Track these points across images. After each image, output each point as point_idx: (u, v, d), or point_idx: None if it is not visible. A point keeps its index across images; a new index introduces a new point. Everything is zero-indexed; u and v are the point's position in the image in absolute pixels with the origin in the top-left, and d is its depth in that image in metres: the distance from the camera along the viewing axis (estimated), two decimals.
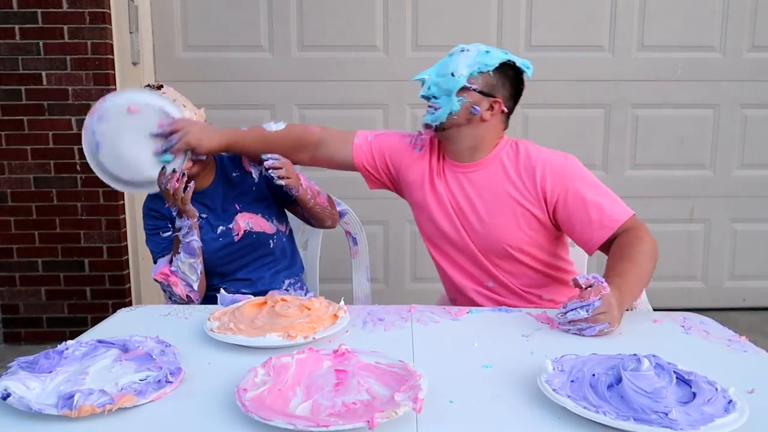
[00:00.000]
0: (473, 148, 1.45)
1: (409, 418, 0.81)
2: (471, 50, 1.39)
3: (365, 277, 1.83)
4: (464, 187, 1.46)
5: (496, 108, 1.40)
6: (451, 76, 1.38)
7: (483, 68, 1.38)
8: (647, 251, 1.28)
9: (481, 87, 1.38)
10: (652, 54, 2.92)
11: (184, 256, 1.50)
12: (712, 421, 0.76)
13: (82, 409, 0.81)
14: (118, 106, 1.44)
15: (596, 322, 1.12)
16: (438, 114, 1.42)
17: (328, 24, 2.87)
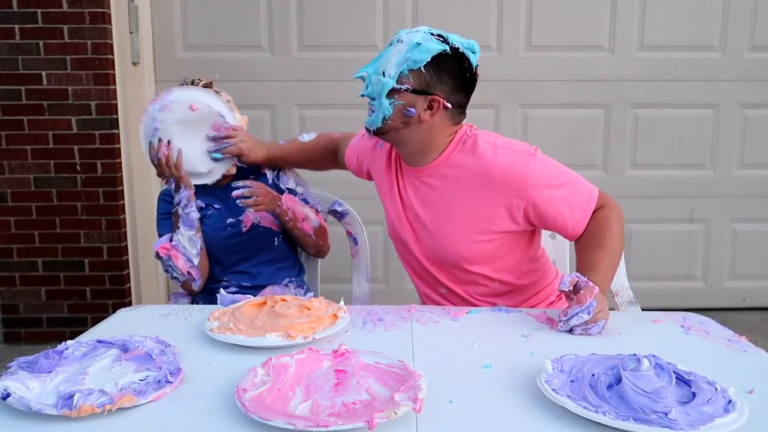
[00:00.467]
0: (420, 151, 1.34)
1: (408, 418, 0.81)
2: (403, 42, 1.23)
3: (365, 277, 1.83)
4: (418, 192, 1.37)
5: (435, 106, 1.26)
6: (382, 76, 1.25)
7: (413, 65, 1.23)
8: (615, 233, 1.29)
9: (414, 86, 1.24)
10: (652, 54, 2.92)
11: (183, 229, 1.54)
12: (711, 421, 0.76)
13: (82, 409, 0.81)
14: (182, 101, 1.54)
15: (596, 321, 1.13)
16: (373, 118, 1.29)
17: (328, 24, 2.87)
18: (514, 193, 1.27)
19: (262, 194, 1.53)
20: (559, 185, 1.30)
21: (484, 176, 1.29)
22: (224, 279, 1.67)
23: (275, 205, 1.57)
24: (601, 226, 1.30)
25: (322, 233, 1.72)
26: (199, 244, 1.57)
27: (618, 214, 1.32)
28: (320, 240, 1.71)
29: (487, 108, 2.93)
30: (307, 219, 1.65)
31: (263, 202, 1.54)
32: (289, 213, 1.60)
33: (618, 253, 1.30)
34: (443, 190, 1.34)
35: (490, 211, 1.30)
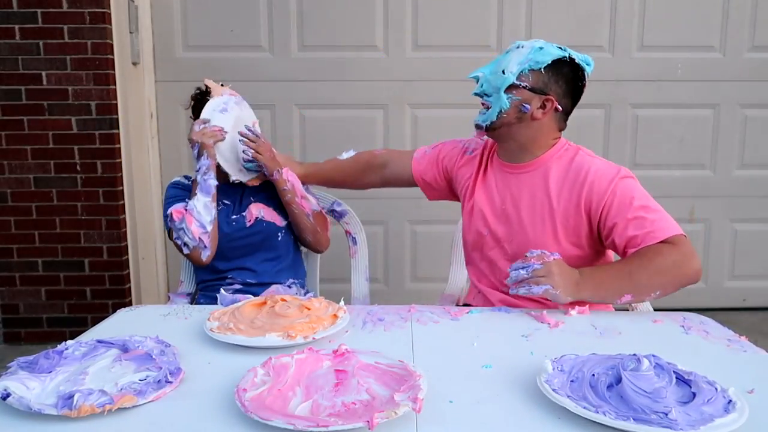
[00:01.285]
0: (524, 148, 1.41)
1: (408, 418, 0.81)
2: (525, 47, 1.34)
3: (365, 277, 1.83)
4: (510, 188, 1.43)
5: (548, 106, 1.35)
6: (501, 73, 1.34)
7: (534, 65, 1.32)
8: (654, 267, 1.20)
9: (532, 84, 1.33)
10: (652, 54, 2.92)
11: (201, 195, 1.58)
12: (711, 421, 0.76)
13: (82, 409, 0.81)
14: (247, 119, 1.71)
15: (537, 284, 1.17)
16: (488, 114, 1.37)
17: (328, 24, 2.87)
18: (601, 187, 1.30)
19: (266, 148, 1.63)
20: (642, 206, 1.27)
21: (578, 178, 1.34)
22: (228, 276, 1.68)
23: (274, 167, 1.63)
24: (651, 250, 1.22)
25: (322, 221, 1.74)
26: (214, 212, 1.59)
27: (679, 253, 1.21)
28: (319, 226, 1.73)
29: None
30: (306, 198, 1.70)
31: (263, 153, 1.62)
32: (287, 184, 1.65)
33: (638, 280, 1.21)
34: (540, 189, 1.39)
35: (576, 212, 1.34)
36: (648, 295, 1.24)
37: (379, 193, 2.95)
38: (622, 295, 1.23)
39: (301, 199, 1.68)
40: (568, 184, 1.35)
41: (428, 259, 3.05)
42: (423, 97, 2.93)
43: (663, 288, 1.22)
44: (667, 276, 1.22)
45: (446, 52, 2.89)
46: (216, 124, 1.61)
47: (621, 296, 1.24)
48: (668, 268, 1.21)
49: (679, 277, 1.23)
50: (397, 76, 2.91)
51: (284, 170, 1.65)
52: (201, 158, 1.59)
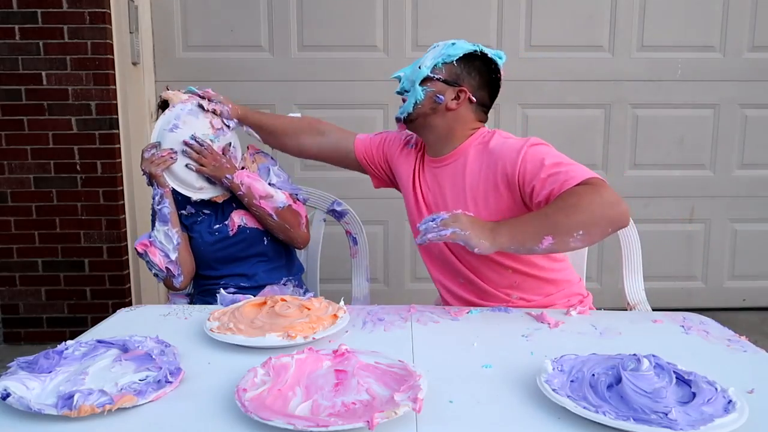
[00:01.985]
0: (443, 140, 1.43)
1: (408, 418, 0.81)
2: (440, 45, 1.42)
3: (365, 277, 1.83)
4: (438, 182, 1.45)
5: (462, 97, 1.39)
6: (418, 69, 1.42)
7: (447, 59, 1.39)
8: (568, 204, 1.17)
9: (445, 76, 1.39)
10: (652, 54, 2.92)
11: (159, 225, 1.56)
12: (711, 421, 0.76)
13: (82, 409, 0.81)
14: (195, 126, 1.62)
15: (446, 227, 1.17)
16: (405, 106, 1.43)
17: (328, 24, 2.87)
18: (513, 156, 1.30)
19: (208, 157, 1.58)
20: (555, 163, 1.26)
21: (490, 156, 1.36)
22: (221, 282, 1.67)
23: (222, 174, 1.59)
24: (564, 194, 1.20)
25: (292, 217, 1.66)
26: (176, 238, 1.56)
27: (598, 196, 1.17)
28: (287, 222, 1.65)
29: None
30: (268, 197, 1.62)
31: (206, 164, 1.58)
32: (242, 187, 1.59)
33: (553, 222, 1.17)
34: (459, 177, 1.40)
35: (494, 190, 1.34)
36: (571, 236, 1.16)
37: (379, 194, 2.95)
38: (541, 238, 1.17)
39: (261, 200, 1.61)
40: (484, 167, 1.36)
41: None
42: None
43: (586, 228, 1.15)
44: (585, 213, 1.16)
45: None
46: (166, 145, 1.56)
47: (541, 240, 1.17)
48: (586, 205, 1.16)
49: (600, 215, 1.16)
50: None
51: (236, 174, 1.60)
52: (155, 187, 1.56)
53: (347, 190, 2.23)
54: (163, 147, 1.56)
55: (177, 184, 1.58)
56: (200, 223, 1.65)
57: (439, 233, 1.17)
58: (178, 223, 1.59)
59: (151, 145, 1.56)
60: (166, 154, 1.55)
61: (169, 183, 1.57)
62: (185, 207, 1.64)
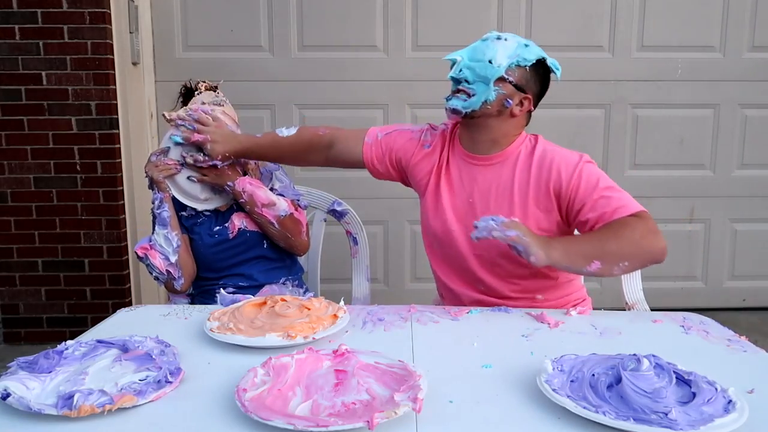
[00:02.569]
0: (494, 141, 1.41)
1: (408, 418, 0.81)
2: (509, 40, 1.34)
3: (365, 277, 1.83)
4: (477, 180, 1.42)
5: (525, 105, 1.38)
6: (488, 63, 1.33)
7: (522, 62, 1.33)
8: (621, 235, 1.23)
9: (517, 81, 1.35)
10: (652, 54, 2.92)
11: (158, 228, 1.57)
12: (711, 421, 0.76)
13: (82, 409, 0.81)
14: None
15: (507, 228, 1.16)
16: (472, 101, 1.35)
17: (328, 24, 2.87)
18: (567, 171, 1.33)
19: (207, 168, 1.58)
20: (607, 186, 1.33)
21: (544, 165, 1.37)
22: (220, 282, 1.67)
23: (222, 182, 1.59)
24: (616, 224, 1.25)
25: (293, 225, 1.66)
26: (176, 241, 1.57)
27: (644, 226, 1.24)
28: (288, 231, 1.65)
29: None
30: (270, 206, 1.61)
31: (207, 173, 1.58)
32: (244, 195, 1.60)
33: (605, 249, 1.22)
34: (507, 179, 1.40)
35: (545, 196, 1.36)
36: (616, 265, 1.22)
37: (379, 193, 2.96)
38: (591, 260, 1.21)
39: (263, 208, 1.61)
40: (535, 172, 1.37)
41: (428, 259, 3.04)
42: (423, 97, 2.92)
43: (630, 259, 1.23)
44: (634, 246, 1.23)
45: (446, 52, 2.86)
46: (172, 156, 1.58)
47: (590, 262, 1.21)
48: (636, 239, 1.23)
49: (646, 250, 1.24)
50: (397, 76, 2.91)
51: (238, 181, 1.59)
52: (155, 191, 1.59)
53: (347, 190, 2.23)
54: (170, 156, 1.58)
55: (182, 197, 1.60)
56: (200, 224, 1.65)
57: (505, 233, 1.16)
58: (177, 226, 1.60)
59: (160, 150, 1.59)
60: (171, 164, 1.57)
61: (175, 194, 1.59)
62: (185, 208, 1.64)
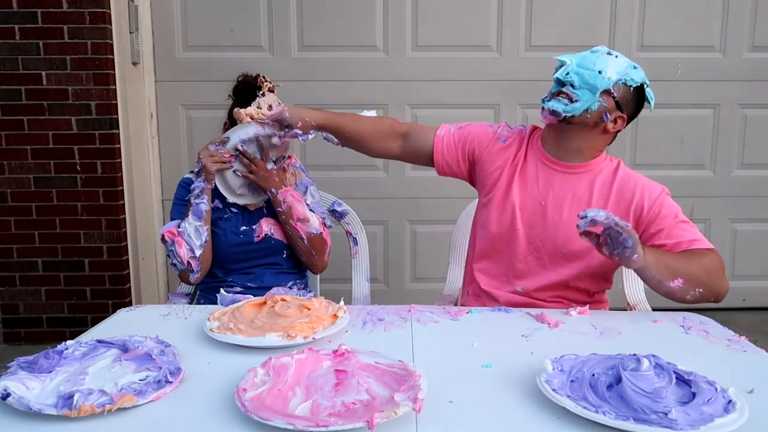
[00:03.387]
0: (579, 151, 1.41)
1: (408, 418, 0.81)
2: (620, 58, 1.36)
3: (365, 277, 1.83)
4: (554, 185, 1.42)
5: (619, 123, 1.38)
6: (598, 73, 1.33)
7: (628, 81, 1.35)
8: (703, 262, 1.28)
9: (620, 98, 1.35)
10: (652, 54, 2.92)
11: (192, 218, 1.56)
12: (711, 421, 0.76)
13: (82, 409, 0.81)
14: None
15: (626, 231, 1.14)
16: (574, 106, 1.35)
17: (328, 24, 2.87)
18: (651, 198, 1.39)
19: (260, 167, 1.58)
20: (684, 220, 1.38)
21: (625, 185, 1.41)
22: (229, 279, 1.67)
23: (268, 186, 1.60)
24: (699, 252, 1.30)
25: (319, 244, 1.68)
26: (205, 236, 1.58)
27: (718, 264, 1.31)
28: (314, 249, 1.68)
29: (487, 108, 2.93)
30: (305, 221, 1.64)
31: (256, 172, 1.58)
32: (283, 205, 1.61)
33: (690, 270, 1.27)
34: (586, 190, 1.41)
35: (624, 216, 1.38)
36: (693, 289, 1.27)
37: (379, 193, 2.96)
38: (676, 277, 1.25)
39: (297, 222, 1.63)
40: (615, 193, 1.40)
41: (428, 259, 3.05)
42: (423, 97, 2.93)
43: (704, 287, 1.27)
44: (710, 277, 1.28)
45: (446, 52, 2.89)
46: (230, 146, 1.57)
47: (675, 278, 1.25)
48: (712, 271, 1.29)
49: (716, 285, 1.29)
50: (397, 76, 2.91)
51: (282, 190, 1.61)
52: (199, 178, 1.58)
53: (347, 190, 2.23)
54: (228, 146, 1.56)
55: (221, 184, 1.60)
56: (227, 220, 1.65)
57: (617, 221, 1.14)
58: (209, 221, 1.60)
59: (220, 140, 1.57)
60: (228, 156, 1.56)
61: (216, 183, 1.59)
62: (213, 200, 1.63)
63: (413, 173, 2.98)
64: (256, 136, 1.56)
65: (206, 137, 1.79)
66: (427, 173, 2.89)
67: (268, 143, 1.57)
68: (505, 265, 1.47)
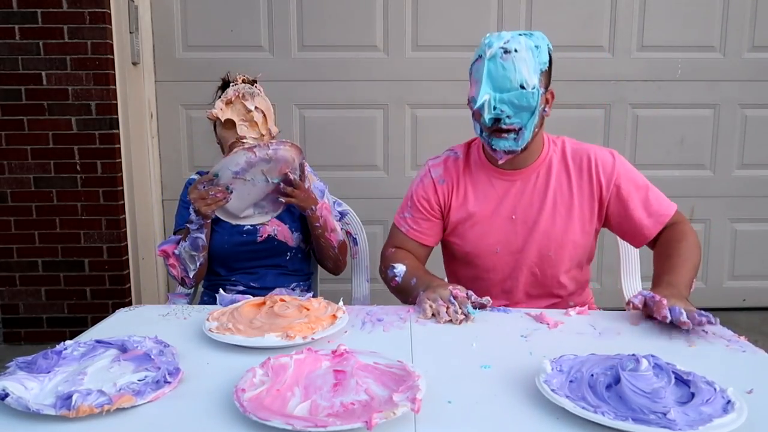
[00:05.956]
0: (530, 153, 1.37)
1: (407, 419, 0.81)
2: (520, 51, 1.23)
3: (365, 278, 1.83)
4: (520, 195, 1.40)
5: (550, 100, 1.32)
6: (521, 90, 1.23)
7: (543, 66, 1.26)
8: (692, 245, 1.32)
9: (544, 86, 1.28)
10: (652, 54, 2.92)
11: (188, 247, 1.55)
12: (710, 422, 0.76)
13: (80, 409, 0.81)
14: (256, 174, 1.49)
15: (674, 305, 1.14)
16: (523, 137, 1.28)
17: (328, 24, 2.87)
18: (603, 179, 1.36)
19: (301, 189, 1.54)
20: (640, 185, 1.38)
21: (580, 163, 1.38)
22: (232, 278, 1.67)
23: (308, 205, 1.57)
24: (678, 238, 1.34)
25: (344, 249, 1.74)
26: (200, 262, 1.57)
27: (693, 232, 1.36)
28: (341, 255, 1.72)
29: None
30: (335, 231, 1.67)
31: (298, 195, 1.53)
32: (320, 220, 1.61)
33: (694, 261, 1.31)
34: (547, 186, 1.39)
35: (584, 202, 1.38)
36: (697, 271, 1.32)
37: (379, 193, 2.96)
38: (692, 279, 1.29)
39: (331, 233, 1.64)
40: (575, 173, 1.38)
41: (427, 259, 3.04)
42: (423, 97, 2.93)
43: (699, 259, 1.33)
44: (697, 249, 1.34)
45: (446, 52, 2.89)
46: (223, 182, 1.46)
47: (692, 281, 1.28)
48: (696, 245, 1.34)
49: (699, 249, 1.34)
50: (397, 76, 2.91)
51: (319, 206, 1.59)
52: (197, 215, 1.49)
53: (347, 190, 2.23)
54: (222, 182, 1.46)
55: (222, 214, 1.53)
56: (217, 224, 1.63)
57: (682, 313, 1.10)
58: (206, 249, 1.58)
59: (208, 178, 1.45)
60: (221, 195, 1.46)
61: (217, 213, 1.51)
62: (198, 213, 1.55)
63: (413, 173, 2.98)
64: (249, 163, 1.44)
65: (206, 137, 1.79)
66: None
67: (266, 167, 1.47)
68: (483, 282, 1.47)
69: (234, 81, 1.62)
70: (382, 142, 2.96)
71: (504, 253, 1.43)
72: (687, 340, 1.13)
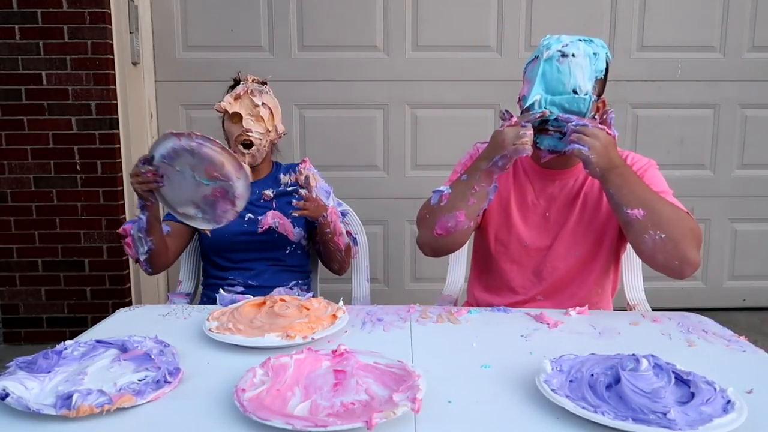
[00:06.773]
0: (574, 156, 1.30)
1: (407, 419, 0.81)
2: (577, 56, 1.23)
3: (365, 277, 1.83)
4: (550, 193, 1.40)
5: (601, 108, 1.32)
6: (573, 95, 1.24)
7: (599, 75, 1.27)
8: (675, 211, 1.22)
9: (598, 94, 1.29)
10: (652, 54, 2.92)
11: (135, 228, 1.49)
12: (710, 422, 0.76)
13: (81, 409, 0.81)
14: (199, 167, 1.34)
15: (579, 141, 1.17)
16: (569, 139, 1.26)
17: (328, 24, 2.87)
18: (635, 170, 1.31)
19: (311, 200, 1.57)
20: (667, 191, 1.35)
21: None
22: (230, 276, 1.67)
23: (319, 213, 1.58)
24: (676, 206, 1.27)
25: (349, 251, 1.74)
26: (147, 246, 1.50)
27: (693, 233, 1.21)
28: (347, 257, 1.73)
29: (486, 108, 2.93)
30: (342, 235, 1.68)
31: (309, 207, 1.55)
32: (330, 225, 1.62)
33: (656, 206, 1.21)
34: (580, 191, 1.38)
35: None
36: (653, 230, 1.18)
37: (379, 193, 2.96)
38: (638, 205, 1.19)
39: (339, 237, 1.65)
40: None
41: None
42: (423, 97, 2.93)
43: (668, 237, 1.17)
44: (678, 230, 1.18)
45: (446, 52, 2.89)
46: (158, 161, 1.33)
47: (636, 206, 1.19)
48: (683, 228, 1.19)
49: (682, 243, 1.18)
50: (397, 76, 2.91)
51: (329, 213, 1.60)
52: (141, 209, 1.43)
53: (347, 190, 2.23)
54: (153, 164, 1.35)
55: (161, 201, 1.42)
56: None
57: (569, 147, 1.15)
58: (155, 233, 1.50)
59: (144, 158, 1.35)
60: (150, 177, 1.34)
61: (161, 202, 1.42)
62: None
63: (413, 173, 2.98)
64: (174, 150, 1.30)
65: None
66: (427, 173, 2.91)
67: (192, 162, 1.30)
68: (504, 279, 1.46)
69: (245, 80, 1.66)
70: (382, 142, 2.96)
71: (532, 249, 1.43)
72: (687, 340, 1.13)
